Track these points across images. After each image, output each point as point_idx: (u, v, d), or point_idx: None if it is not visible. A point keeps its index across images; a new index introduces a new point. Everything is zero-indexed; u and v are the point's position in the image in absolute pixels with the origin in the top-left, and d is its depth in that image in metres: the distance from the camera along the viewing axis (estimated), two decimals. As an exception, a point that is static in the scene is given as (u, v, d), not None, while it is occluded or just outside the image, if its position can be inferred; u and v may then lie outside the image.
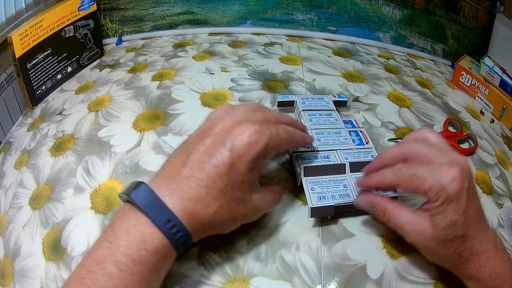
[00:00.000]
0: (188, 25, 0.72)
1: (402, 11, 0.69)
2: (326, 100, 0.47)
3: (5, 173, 0.46)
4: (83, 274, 0.24)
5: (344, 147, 0.40)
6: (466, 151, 0.47)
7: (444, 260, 0.29)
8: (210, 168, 0.26)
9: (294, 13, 0.71)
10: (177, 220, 0.25)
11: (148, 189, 0.26)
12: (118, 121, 0.47)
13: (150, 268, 0.25)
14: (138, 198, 0.26)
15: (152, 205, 0.25)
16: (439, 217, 0.27)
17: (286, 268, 0.32)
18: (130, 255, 0.24)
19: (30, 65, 0.52)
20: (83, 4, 0.59)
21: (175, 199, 0.26)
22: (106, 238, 0.25)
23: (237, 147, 0.27)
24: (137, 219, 0.25)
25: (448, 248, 0.28)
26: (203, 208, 0.26)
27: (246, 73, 0.57)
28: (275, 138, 0.29)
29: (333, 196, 0.34)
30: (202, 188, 0.26)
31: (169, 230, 0.25)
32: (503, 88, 0.57)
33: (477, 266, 0.28)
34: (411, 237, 0.29)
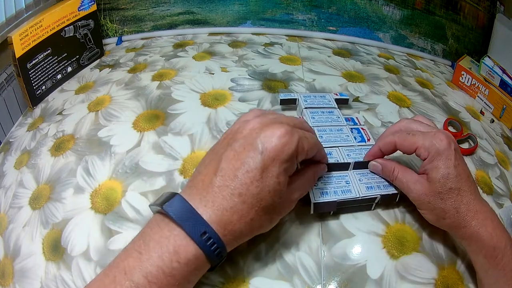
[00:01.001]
0: (188, 25, 0.72)
1: (402, 11, 0.69)
2: (328, 98, 0.47)
3: (5, 173, 0.46)
4: (107, 284, 0.24)
5: (346, 144, 0.40)
6: (466, 151, 0.47)
7: (443, 216, 0.31)
8: (243, 175, 0.26)
9: (294, 13, 0.71)
10: (213, 232, 0.25)
11: (183, 200, 0.26)
12: (118, 121, 0.47)
13: (180, 280, 0.24)
14: (172, 209, 0.25)
15: (187, 217, 0.25)
16: (433, 172, 0.31)
17: (286, 268, 0.32)
18: (161, 266, 0.23)
19: (30, 65, 0.52)
20: (83, 4, 0.59)
21: (210, 211, 0.25)
22: (136, 248, 0.25)
23: (268, 149, 0.26)
24: (171, 231, 0.25)
25: (445, 200, 0.30)
26: (239, 217, 0.26)
27: (246, 73, 0.57)
28: (305, 141, 0.28)
29: (335, 192, 0.35)
30: (236, 197, 0.25)
31: (205, 242, 0.24)
32: (503, 88, 0.57)
33: (477, 224, 0.29)
34: (413, 192, 0.32)
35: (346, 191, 0.35)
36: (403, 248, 0.34)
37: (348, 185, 0.35)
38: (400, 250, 0.34)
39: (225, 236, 0.25)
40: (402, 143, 0.33)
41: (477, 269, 0.31)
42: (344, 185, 0.35)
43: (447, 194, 0.30)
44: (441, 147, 0.31)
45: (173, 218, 0.25)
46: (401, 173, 0.34)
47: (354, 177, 0.37)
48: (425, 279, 0.32)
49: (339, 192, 0.35)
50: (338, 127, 0.42)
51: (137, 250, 0.24)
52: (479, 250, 0.29)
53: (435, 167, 0.30)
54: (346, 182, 0.36)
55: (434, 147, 0.31)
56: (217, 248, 0.25)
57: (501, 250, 0.29)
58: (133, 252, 0.25)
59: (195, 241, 0.24)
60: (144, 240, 0.25)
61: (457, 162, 0.30)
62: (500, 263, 0.28)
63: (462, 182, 0.30)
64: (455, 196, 0.30)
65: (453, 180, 0.30)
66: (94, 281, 0.25)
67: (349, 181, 0.36)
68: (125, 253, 0.25)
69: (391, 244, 0.34)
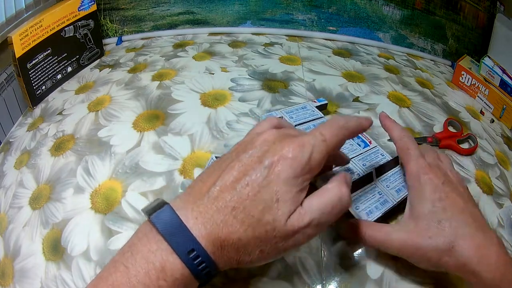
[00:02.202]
0: (188, 25, 0.72)
1: (402, 11, 0.69)
2: (309, 108, 0.46)
3: (5, 173, 0.46)
4: None
5: (355, 153, 0.40)
6: (466, 151, 0.47)
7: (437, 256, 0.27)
8: (241, 188, 0.23)
9: (294, 13, 0.71)
10: (201, 250, 0.23)
11: (171, 212, 0.23)
12: (118, 121, 0.47)
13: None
14: (159, 221, 0.23)
15: (175, 231, 0.23)
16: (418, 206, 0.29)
17: (286, 268, 0.32)
18: (148, 285, 0.22)
19: (30, 65, 0.52)
20: (83, 4, 0.59)
21: (200, 224, 0.23)
22: (123, 261, 0.23)
23: (275, 163, 0.23)
24: (158, 245, 0.23)
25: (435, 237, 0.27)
26: (228, 233, 0.23)
27: (246, 73, 0.57)
28: (320, 146, 0.25)
29: (376, 207, 0.34)
30: (229, 211, 0.23)
31: (192, 261, 0.22)
32: (503, 88, 0.57)
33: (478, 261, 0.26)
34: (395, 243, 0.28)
35: (384, 202, 0.35)
36: (403, 248, 0.34)
37: (382, 196, 0.35)
38: (400, 250, 0.34)
39: (214, 254, 0.23)
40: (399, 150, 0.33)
41: None
42: (379, 197, 0.35)
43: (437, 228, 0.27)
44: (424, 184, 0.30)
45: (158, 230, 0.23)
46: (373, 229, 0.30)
47: (382, 186, 0.36)
48: (425, 279, 0.32)
49: (379, 206, 0.35)
50: None
51: (124, 264, 0.23)
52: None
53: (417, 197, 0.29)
54: (379, 193, 0.36)
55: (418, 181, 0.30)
56: (205, 267, 0.23)
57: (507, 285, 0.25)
58: (120, 265, 0.23)
59: (181, 259, 0.22)
60: (132, 252, 0.23)
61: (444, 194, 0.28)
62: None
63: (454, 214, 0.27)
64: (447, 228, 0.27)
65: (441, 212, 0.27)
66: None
67: (381, 191, 0.36)
68: (114, 265, 0.24)
69: (391, 244, 0.34)
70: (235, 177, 0.24)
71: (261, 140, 0.25)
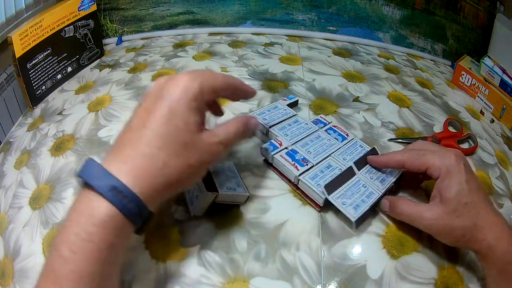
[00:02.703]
0: (188, 25, 0.72)
1: (402, 11, 0.69)
2: (280, 107, 0.45)
3: (5, 173, 0.45)
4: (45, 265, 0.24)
5: (334, 148, 0.40)
6: (466, 151, 0.47)
7: (463, 233, 0.30)
8: (150, 123, 0.25)
9: (294, 13, 0.71)
10: (123, 186, 0.23)
11: (92, 161, 0.25)
12: (118, 121, 0.47)
13: (101, 245, 0.23)
14: (84, 172, 0.24)
15: (96, 175, 0.24)
16: (446, 191, 0.31)
17: (286, 268, 0.32)
18: (79, 233, 0.23)
19: (30, 65, 0.52)
20: (83, 4, 0.59)
21: (120, 165, 0.24)
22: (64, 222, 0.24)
23: (172, 94, 0.26)
24: (86, 195, 0.24)
25: (462, 217, 0.30)
26: (151, 162, 0.25)
27: (246, 73, 0.57)
28: (210, 78, 0.28)
29: (363, 200, 0.35)
30: (145, 145, 0.25)
31: (116, 197, 0.23)
32: (503, 88, 0.57)
33: (494, 236, 0.29)
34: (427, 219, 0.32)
35: (370, 195, 0.35)
36: (403, 248, 0.34)
37: (367, 189, 0.36)
38: (400, 250, 0.34)
39: (141, 188, 0.24)
40: (412, 162, 0.34)
41: (489, 282, 0.30)
42: (364, 190, 0.36)
43: (463, 210, 0.30)
44: (451, 163, 0.32)
45: (85, 180, 0.24)
46: (407, 206, 0.34)
47: (366, 178, 0.37)
48: (425, 279, 0.32)
49: (365, 199, 0.35)
50: (315, 135, 0.42)
51: (63, 224, 0.24)
52: (493, 265, 0.29)
53: (447, 186, 0.31)
54: (363, 186, 0.36)
55: (444, 165, 0.32)
56: (131, 202, 0.24)
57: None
58: (62, 227, 0.24)
59: (105, 197, 0.23)
60: (69, 212, 0.24)
61: (468, 176, 0.31)
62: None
63: (475, 195, 0.31)
64: (471, 209, 0.30)
65: (467, 195, 0.30)
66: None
67: (365, 184, 0.36)
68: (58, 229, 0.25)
69: (391, 244, 0.34)
70: (143, 116, 0.26)
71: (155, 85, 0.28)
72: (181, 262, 0.32)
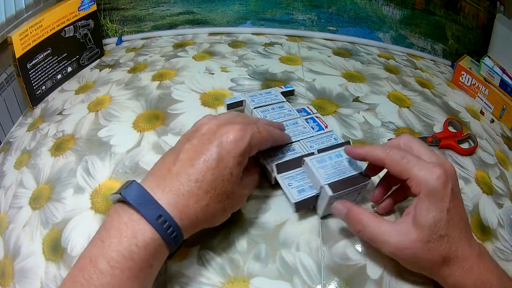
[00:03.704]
0: (188, 25, 0.72)
1: (402, 11, 0.69)
2: (273, 93, 0.47)
3: (5, 173, 0.46)
4: (76, 273, 0.25)
5: (306, 135, 0.40)
6: (466, 151, 0.47)
7: (429, 267, 0.28)
8: (199, 164, 0.28)
9: (294, 13, 0.71)
10: (168, 215, 0.26)
11: (139, 186, 0.27)
12: (118, 121, 0.47)
13: (141, 264, 0.25)
14: (129, 195, 0.26)
15: (143, 201, 0.26)
16: (422, 215, 0.27)
17: (286, 268, 0.32)
18: (121, 251, 0.25)
19: (30, 65, 0.52)
20: (83, 4, 0.59)
21: (167, 195, 0.27)
22: (98, 237, 0.26)
23: (224, 143, 0.29)
24: (129, 217, 0.26)
25: (433, 251, 0.27)
26: (195, 201, 0.27)
27: (246, 73, 0.57)
28: (257, 135, 0.31)
29: (311, 187, 0.34)
30: (193, 183, 0.27)
31: (161, 225, 0.26)
32: (503, 88, 0.57)
33: (462, 272, 0.27)
34: (393, 245, 0.28)
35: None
36: (403, 248, 0.34)
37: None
38: (400, 250, 0.33)
39: (182, 220, 0.27)
40: (393, 166, 0.29)
41: None
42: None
43: (436, 243, 0.27)
44: (436, 186, 0.27)
45: (130, 204, 0.26)
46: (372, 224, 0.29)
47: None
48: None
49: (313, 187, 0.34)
50: (293, 120, 0.42)
51: (99, 239, 0.26)
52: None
53: (426, 209, 0.27)
54: None
55: (427, 184, 0.27)
56: (173, 231, 0.26)
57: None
58: (96, 241, 0.26)
59: (151, 224, 0.25)
60: (106, 228, 0.26)
61: (451, 204, 0.27)
62: None
63: (453, 228, 0.27)
64: (444, 244, 0.27)
65: (444, 227, 0.27)
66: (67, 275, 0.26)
67: None
68: (90, 243, 0.26)
69: (391, 244, 0.34)
70: (191, 156, 0.28)
71: (206, 128, 0.30)
72: (181, 262, 0.32)
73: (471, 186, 0.43)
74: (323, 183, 0.33)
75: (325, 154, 0.36)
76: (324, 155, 0.36)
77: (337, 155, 0.36)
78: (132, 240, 0.25)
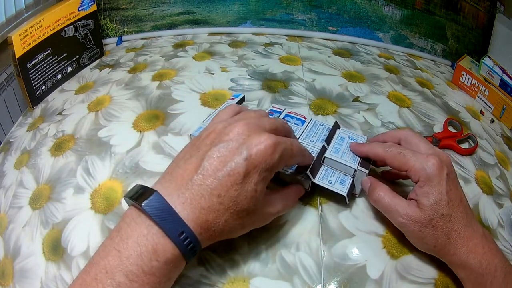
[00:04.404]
0: (188, 25, 0.72)
1: (402, 11, 0.69)
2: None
3: (5, 173, 0.46)
4: (88, 281, 0.24)
5: (298, 133, 0.40)
6: (466, 151, 0.47)
7: (434, 243, 0.30)
8: (224, 177, 0.26)
9: (294, 13, 0.71)
10: (190, 232, 0.25)
11: (160, 198, 0.26)
12: (118, 121, 0.47)
13: (161, 278, 0.25)
14: (150, 208, 0.25)
15: (165, 216, 0.25)
16: (423, 199, 0.30)
17: (286, 268, 0.32)
18: (141, 265, 0.24)
19: (30, 65, 0.52)
20: (83, 4, 0.59)
21: (188, 209, 0.26)
22: (115, 246, 0.25)
23: (253, 156, 0.26)
24: (148, 229, 0.25)
25: (436, 228, 0.29)
26: (215, 217, 0.26)
27: (246, 73, 0.57)
28: (288, 152, 0.29)
29: (344, 175, 0.36)
30: (215, 198, 0.26)
31: (182, 242, 0.25)
32: (503, 88, 0.57)
33: (466, 251, 0.29)
34: (402, 218, 0.31)
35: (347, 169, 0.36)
36: (403, 248, 0.34)
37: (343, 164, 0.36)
38: (400, 250, 0.33)
39: (201, 235, 0.26)
40: (392, 161, 0.33)
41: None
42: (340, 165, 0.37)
43: (438, 221, 0.29)
44: (432, 172, 0.30)
45: (151, 217, 0.25)
46: (389, 196, 0.32)
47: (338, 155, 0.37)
48: (425, 279, 0.32)
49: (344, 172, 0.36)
50: None
51: (116, 248, 0.25)
52: (468, 278, 0.29)
53: (425, 193, 0.30)
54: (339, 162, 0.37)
55: (424, 171, 0.30)
56: (193, 247, 0.26)
57: (491, 275, 0.28)
58: (112, 250, 0.25)
59: (173, 240, 0.25)
60: (122, 237, 0.25)
61: (449, 187, 0.30)
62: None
63: (454, 208, 0.30)
64: (446, 222, 0.29)
65: (445, 207, 0.29)
66: (76, 279, 0.25)
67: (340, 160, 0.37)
68: (104, 250, 0.25)
69: (391, 244, 0.34)
70: (216, 166, 0.26)
71: (235, 132, 0.28)
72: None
73: (471, 186, 0.43)
74: (356, 167, 0.36)
75: (334, 144, 0.38)
76: (335, 144, 0.38)
77: (341, 139, 0.39)
78: (153, 256, 0.24)
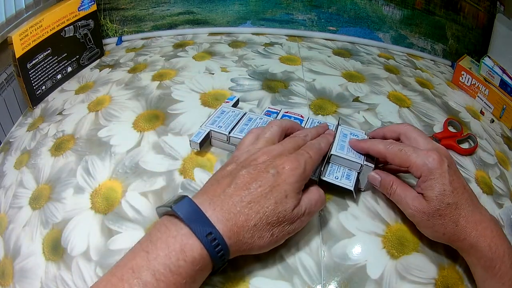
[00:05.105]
0: (188, 25, 0.72)
1: (402, 11, 0.69)
2: (227, 110, 0.44)
3: (5, 173, 0.45)
4: (114, 282, 0.24)
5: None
6: (466, 151, 0.47)
7: (442, 231, 0.31)
8: (254, 188, 0.28)
9: (294, 13, 0.71)
10: (218, 234, 0.26)
11: (191, 202, 0.27)
12: (118, 121, 0.47)
13: (187, 279, 0.25)
14: (181, 210, 0.26)
15: (194, 218, 0.26)
16: (428, 191, 0.31)
17: (286, 268, 0.32)
18: (168, 265, 0.24)
19: (30, 65, 0.52)
20: (83, 4, 0.59)
21: (218, 214, 0.27)
22: (143, 248, 0.26)
23: (281, 172, 0.29)
24: (178, 231, 0.26)
25: (443, 216, 0.30)
26: (244, 220, 0.27)
27: (246, 73, 0.57)
28: (310, 161, 0.32)
29: (349, 170, 0.37)
30: (245, 204, 0.28)
31: (210, 243, 0.26)
32: (503, 88, 0.57)
33: (476, 234, 0.30)
34: (411, 209, 0.32)
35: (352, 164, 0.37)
36: (403, 248, 0.34)
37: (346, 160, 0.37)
38: (400, 250, 0.34)
39: (230, 240, 0.27)
40: (393, 158, 0.33)
41: (476, 279, 0.31)
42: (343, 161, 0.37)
43: (445, 210, 0.30)
44: (433, 166, 0.31)
45: (181, 218, 0.26)
46: (400, 188, 0.33)
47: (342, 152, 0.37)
48: (425, 279, 0.32)
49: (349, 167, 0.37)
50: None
51: (144, 250, 0.25)
52: (477, 261, 0.30)
53: (429, 186, 0.31)
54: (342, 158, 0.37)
55: (426, 167, 0.31)
56: (220, 250, 0.26)
57: (499, 260, 0.29)
58: (140, 252, 0.25)
59: (200, 240, 0.25)
60: (151, 240, 0.26)
61: (451, 177, 0.31)
62: (498, 273, 0.29)
63: (459, 196, 0.31)
64: (453, 210, 0.30)
65: (450, 196, 0.30)
66: (100, 281, 0.25)
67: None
68: (132, 253, 0.26)
69: (391, 244, 0.34)
70: (247, 181, 0.29)
71: (262, 159, 0.31)
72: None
73: (471, 186, 0.42)
74: (362, 162, 0.36)
75: (338, 141, 0.39)
76: (339, 141, 0.38)
77: (344, 135, 0.40)
78: (180, 255, 0.25)
